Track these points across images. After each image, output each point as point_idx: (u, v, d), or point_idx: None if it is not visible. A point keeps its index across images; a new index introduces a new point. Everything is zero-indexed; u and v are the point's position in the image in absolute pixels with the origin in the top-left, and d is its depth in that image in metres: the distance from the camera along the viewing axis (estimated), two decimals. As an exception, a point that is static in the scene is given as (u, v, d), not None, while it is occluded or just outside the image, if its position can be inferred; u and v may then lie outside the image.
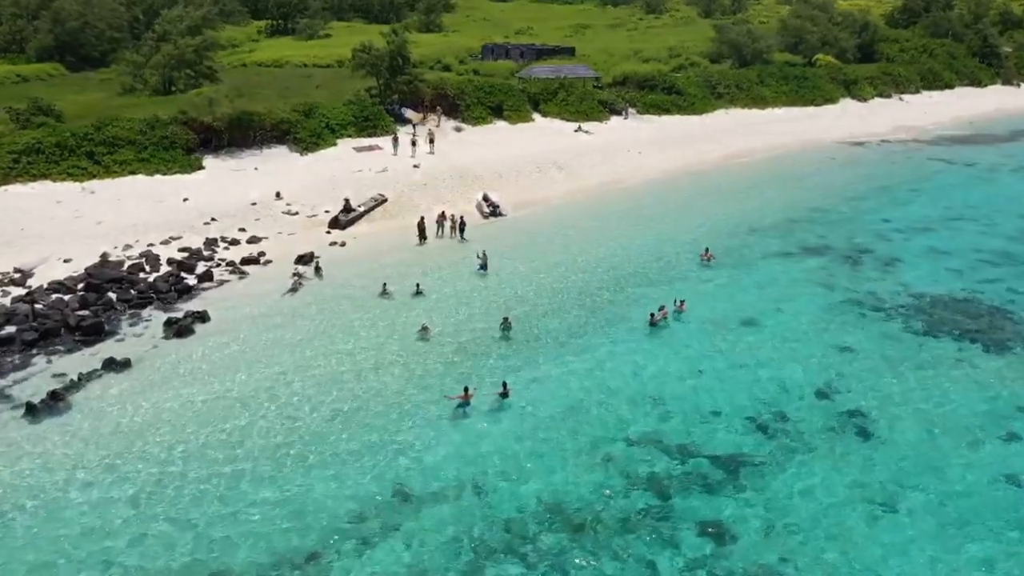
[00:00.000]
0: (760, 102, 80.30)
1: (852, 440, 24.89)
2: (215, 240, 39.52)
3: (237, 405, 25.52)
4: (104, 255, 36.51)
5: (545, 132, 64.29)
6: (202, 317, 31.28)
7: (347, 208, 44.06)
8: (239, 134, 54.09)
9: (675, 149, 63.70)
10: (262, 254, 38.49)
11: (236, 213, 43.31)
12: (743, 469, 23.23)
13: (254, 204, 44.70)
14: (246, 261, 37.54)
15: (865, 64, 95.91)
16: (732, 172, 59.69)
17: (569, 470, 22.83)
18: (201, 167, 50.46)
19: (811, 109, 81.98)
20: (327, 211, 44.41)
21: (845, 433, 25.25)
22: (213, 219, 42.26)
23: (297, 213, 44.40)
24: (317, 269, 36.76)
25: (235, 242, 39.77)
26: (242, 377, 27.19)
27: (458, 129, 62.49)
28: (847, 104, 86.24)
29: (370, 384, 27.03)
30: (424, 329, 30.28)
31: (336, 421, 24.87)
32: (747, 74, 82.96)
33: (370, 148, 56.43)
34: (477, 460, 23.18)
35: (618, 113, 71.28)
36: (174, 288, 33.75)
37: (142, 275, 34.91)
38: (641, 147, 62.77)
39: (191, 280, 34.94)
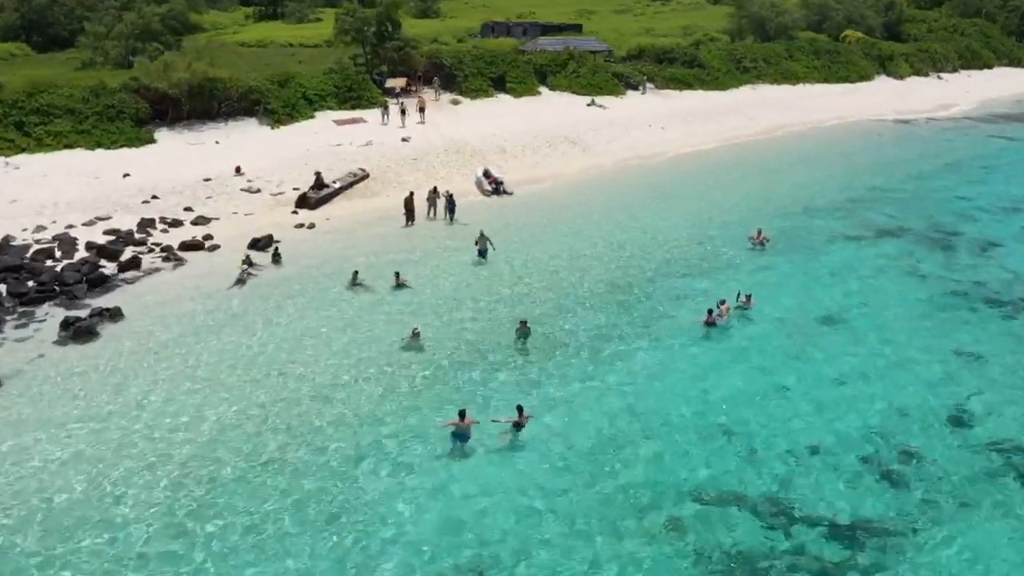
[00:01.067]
0: (790, 78, 72.78)
1: (1017, 487, 17.28)
2: (151, 221, 31.78)
3: (128, 447, 17.70)
4: (6, 238, 28.86)
5: (554, 106, 56.66)
6: (113, 315, 23.61)
7: (319, 184, 36.36)
8: (201, 105, 46.81)
9: (701, 124, 56.12)
10: (208, 237, 30.79)
11: (184, 190, 35.59)
12: (871, 540, 15.58)
13: (207, 180, 36.98)
14: (186, 246, 29.82)
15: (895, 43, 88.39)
16: (770, 148, 52.10)
17: (616, 548, 15.11)
18: (152, 140, 42.89)
19: (846, 86, 74.45)
20: (296, 188, 36.72)
21: (1005, 477, 17.63)
22: (154, 197, 34.56)
23: (259, 191, 36.70)
24: (275, 256, 29.04)
25: (177, 223, 32.04)
26: (151, 400, 19.46)
27: (455, 102, 54.84)
28: (883, 82, 78.76)
29: (331, 414, 19.24)
30: (415, 335, 22.46)
31: (273, 479, 16.83)
32: (775, 48, 75.39)
33: (353, 121, 48.91)
34: (477, 533, 15.44)
35: (635, 88, 63.68)
36: (86, 279, 26.08)
37: (50, 263, 27.23)
38: (663, 122, 55.16)
39: (110, 269, 27.21)
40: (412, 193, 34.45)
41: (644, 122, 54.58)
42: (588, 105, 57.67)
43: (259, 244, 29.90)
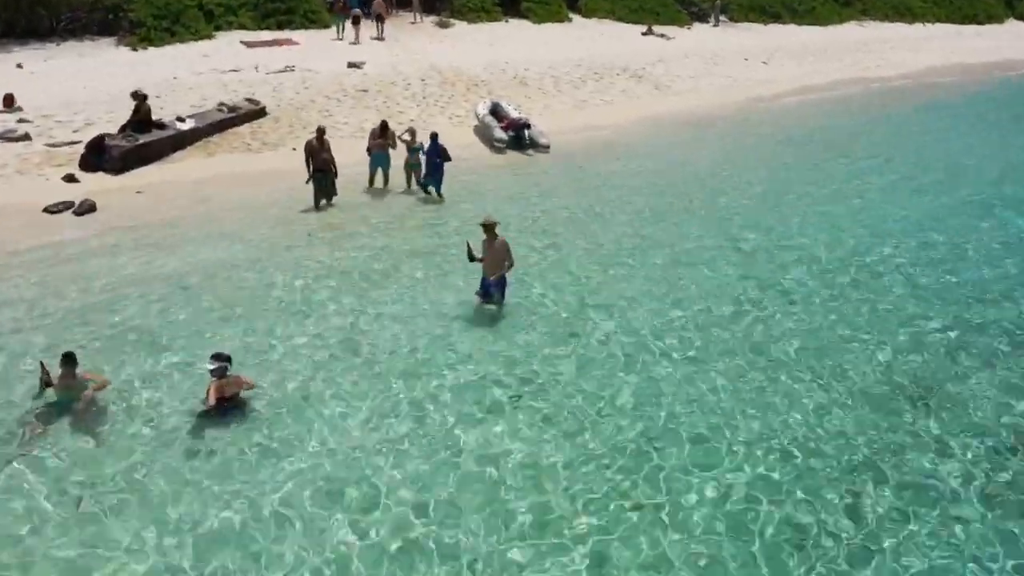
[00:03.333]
0: (904, 15, 53.59)
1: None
2: None
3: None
4: None
5: (592, 34, 37.49)
6: None
7: (139, 120, 17.33)
8: (26, 17, 28.13)
9: (818, 61, 36.95)
10: None
11: None
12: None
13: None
14: None
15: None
16: (947, 94, 32.89)
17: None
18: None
19: (975, 27, 55.27)
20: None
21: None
22: None
23: (26, 137, 17.75)
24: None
25: None
26: None
27: (443, 24, 35.71)
28: (1013, 24, 59.59)
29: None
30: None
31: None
32: (881, -23, 56.03)
33: (274, 43, 29.91)
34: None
35: (703, 19, 44.62)
36: None
37: None
38: (761, 57, 36.03)
39: None
40: (321, 133, 15.31)
41: (734, 56, 35.48)
42: (643, 34, 38.69)
43: None
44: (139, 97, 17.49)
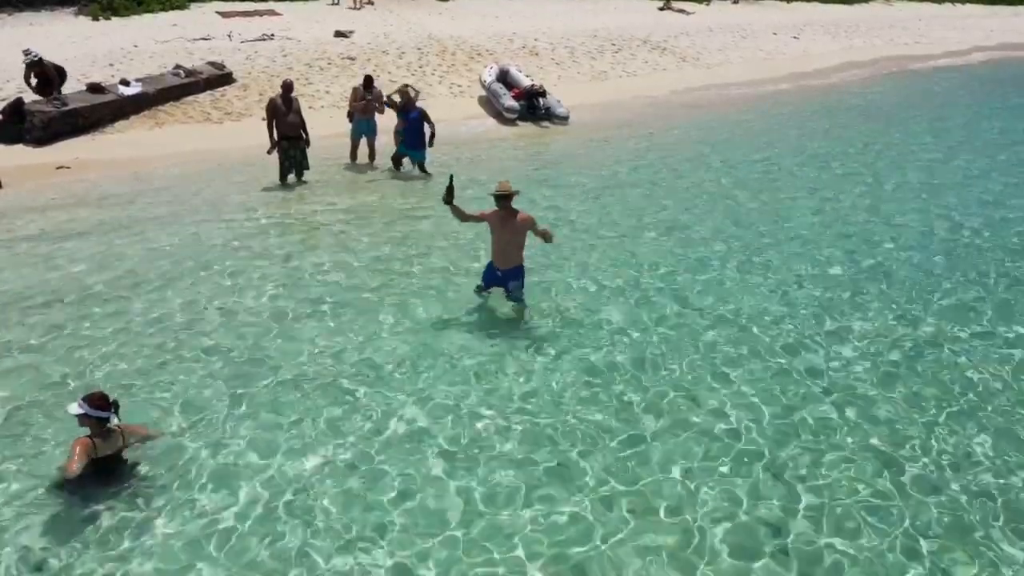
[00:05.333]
0: (936, -7, 50.29)
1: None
2: None
3: None
4: None
5: (606, 7, 34.30)
6: None
7: (44, 80, 14.04)
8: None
9: (850, 37, 33.78)
10: None
11: None
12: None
13: None
14: None
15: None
16: (1008, 72, 29.69)
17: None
18: None
19: (1011, 8, 52.00)
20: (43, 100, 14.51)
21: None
22: None
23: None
24: None
25: None
26: None
27: (443, -4, 32.57)
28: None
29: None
30: None
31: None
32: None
33: (253, 14, 26.80)
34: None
35: (722, -4, 41.39)
36: None
37: None
38: (788, 31, 32.85)
39: None
40: (288, 89, 12.05)
41: (763, 30, 32.29)
42: (661, 9, 35.54)
43: None
44: (37, 68, 13.82)
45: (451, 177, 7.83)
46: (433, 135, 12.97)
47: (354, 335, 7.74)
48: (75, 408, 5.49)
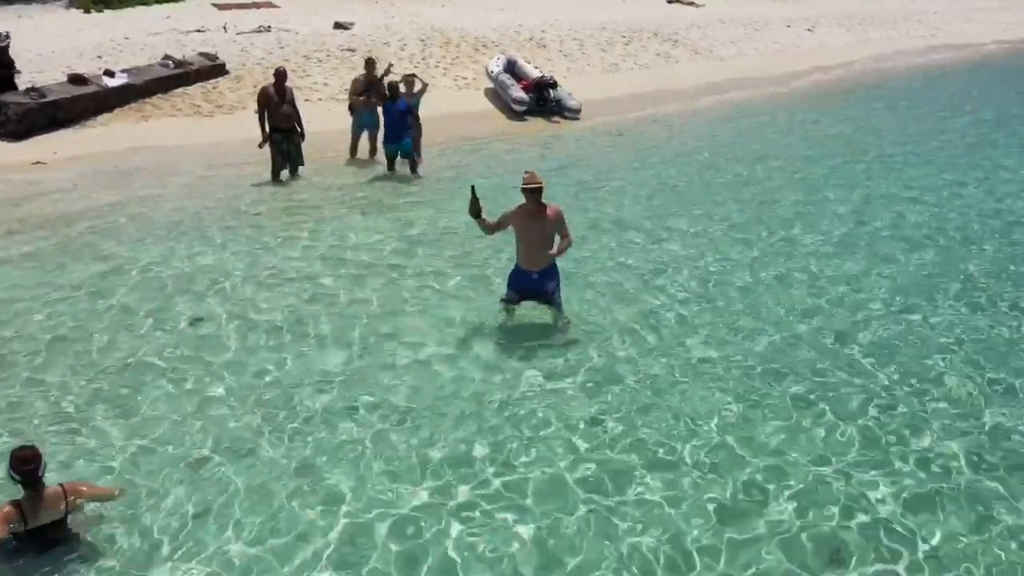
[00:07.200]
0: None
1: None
2: None
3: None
4: None
5: (613, 1, 33.33)
6: None
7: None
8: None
9: (865, 30, 32.86)
10: None
11: None
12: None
13: None
14: None
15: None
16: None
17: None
18: None
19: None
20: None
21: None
22: None
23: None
24: None
25: None
26: None
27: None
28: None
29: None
30: None
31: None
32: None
33: (251, 6, 25.93)
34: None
35: (730, -11, 40.42)
36: None
37: None
38: (800, 24, 31.93)
39: None
40: (282, 78, 11.18)
41: (776, 22, 31.38)
42: (669, 2, 34.62)
43: None
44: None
45: (473, 188, 6.92)
46: (420, 134, 11.98)
47: (341, 366, 6.77)
48: None
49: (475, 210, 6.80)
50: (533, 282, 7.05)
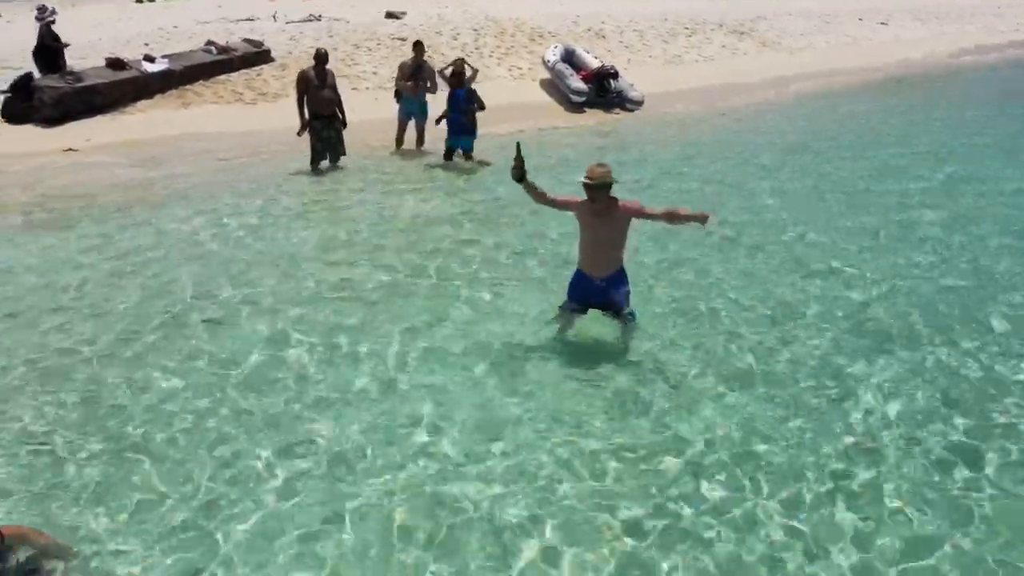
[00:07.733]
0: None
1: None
2: None
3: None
4: None
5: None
6: None
7: (41, 55, 12.75)
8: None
9: (942, 24, 31.13)
10: None
11: None
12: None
13: None
14: None
15: None
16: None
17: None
18: None
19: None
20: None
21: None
22: None
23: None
24: None
25: None
26: None
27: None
28: None
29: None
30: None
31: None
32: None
33: (304, -6, 25.42)
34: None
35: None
36: None
37: None
38: (872, 17, 30.31)
39: None
40: (322, 60, 10.41)
41: (847, 15, 29.82)
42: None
43: None
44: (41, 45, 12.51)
45: (518, 146, 5.85)
46: (480, 108, 11.12)
47: (375, 389, 5.88)
48: None
49: (519, 173, 5.84)
50: (596, 291, 6.06)
